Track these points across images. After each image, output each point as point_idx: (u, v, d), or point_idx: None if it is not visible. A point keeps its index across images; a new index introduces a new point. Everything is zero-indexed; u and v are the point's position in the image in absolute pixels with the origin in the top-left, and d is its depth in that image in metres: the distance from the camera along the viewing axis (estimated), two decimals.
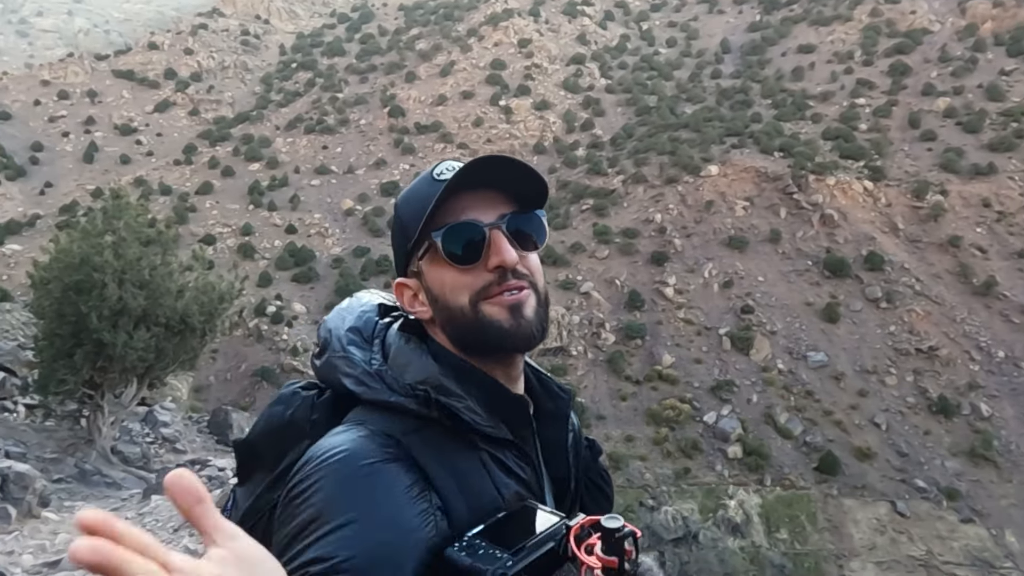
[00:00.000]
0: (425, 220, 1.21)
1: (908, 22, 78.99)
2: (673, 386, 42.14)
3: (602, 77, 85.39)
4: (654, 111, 73.69)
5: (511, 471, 1.21)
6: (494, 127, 76.34)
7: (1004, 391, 41.63)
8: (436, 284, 1.25)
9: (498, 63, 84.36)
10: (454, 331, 1.25)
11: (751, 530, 34.20)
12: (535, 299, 1.24)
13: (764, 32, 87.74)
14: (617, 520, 1.08)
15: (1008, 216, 52.23)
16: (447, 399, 1.18)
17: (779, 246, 51.61)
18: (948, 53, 72.67)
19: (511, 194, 1.26)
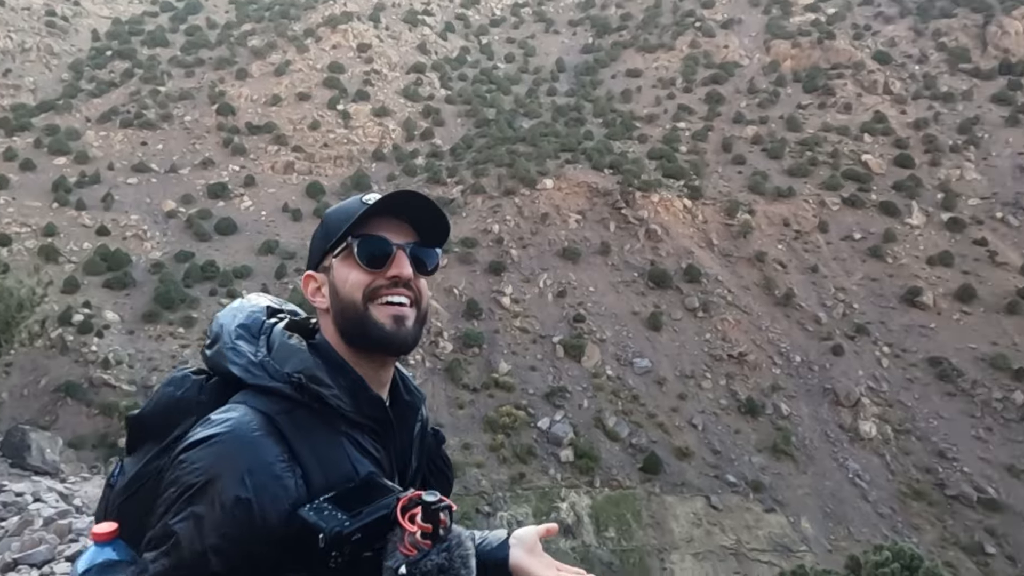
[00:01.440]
0: (350, 227, 1.52)
1: (722, 55, 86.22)
2: (509, 393, 43.03)
3: (442, 87, 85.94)
4: (493, 124, 75.21)
5: (367, 451, 1.49)
6: (332, 131, 74.51)
7: (800, 392, 46.31)
8: (340, 279, 1.53)
9: (336, 66, 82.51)
10: (343, 322, 1.53)
11: (582, 530, 35.61)
12: (415, 315, 1.56)
13: (596, 55, 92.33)
14: (434, 495, 1.33)
15: (804, 235, 58.30)
16: (317, 387, 1.44)
17: (609, 258, 54.31)
18: (755, 86, 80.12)
19: (420, 229, 1.60)
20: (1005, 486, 40.89)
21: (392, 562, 1.29)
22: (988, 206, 61.43)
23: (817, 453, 42.47)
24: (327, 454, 1.42)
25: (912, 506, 39.96)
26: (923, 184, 62.90)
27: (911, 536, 36.73)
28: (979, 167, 65.66)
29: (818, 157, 66.29)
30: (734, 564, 35.92)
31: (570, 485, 38.00)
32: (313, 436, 1.42)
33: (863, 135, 69.83)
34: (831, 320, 51.25)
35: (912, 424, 44.64)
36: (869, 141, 69.13)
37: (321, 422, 1.45)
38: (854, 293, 53.49)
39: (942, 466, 42.11)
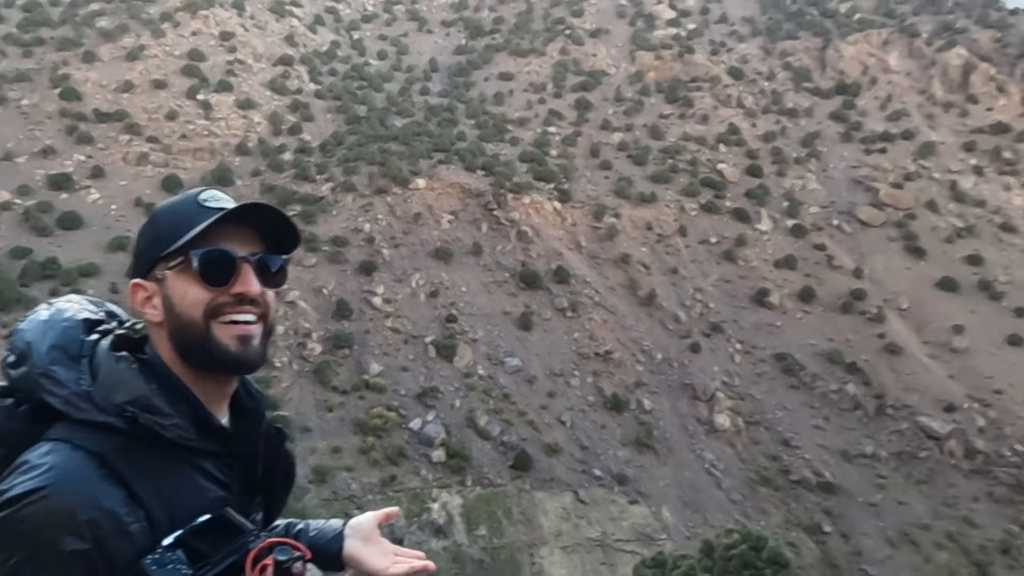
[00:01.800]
0: (188, 239, 1.37)
1: (591, 63, 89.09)
2: (380, 395, 42.45)
3: (311, 82, 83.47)
4: (364, 121, 73.89)
5: (214, 477, 1.39)
6: (191, 122, 70.54)
7: (662, 387, 48.64)
8: (177, 294, 1.39)
9: (196, 54, 78.21)
10: (181, 340, 1.39)
11: (453, 530, 35.69)
12: (262, 330, 1.45)
13: (469, 56, 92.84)
14: (286, 552, 1.29)
15: (665, 238, 61.29)
16: (154, 418, 1.32)
17: (481, 258, 54.76)
18: (622, 94, 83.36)
19: (267, 236, 1.47)
20: (840, 470, 44.78)
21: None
22: (826, 214, 67.07)
23: (676, 445, 44.76)
24: (170, 489, 1.32)
25: (760, 492, 42.93)
26: (771, 192, 67.77)
27: (759, 519, 39.47)
28: (819, 178, 71.57)
29: (678, 165, 69.89)
30: (600, 555, 37.22)
31: (442, 485, 37.99)
32: (153, 472, 1.31)
33: (719, 145, 74.31)
34: (689, 319, 54.16)
35: (761, 415, 47.96)
36: (724, 151, 73.66)
37: (161, 454, 1.33)
38: (710, 293, 56.81)
39: (786, 454, 45.53)
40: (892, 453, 46.24)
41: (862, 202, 68.24)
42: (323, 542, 1.67)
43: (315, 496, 33.40)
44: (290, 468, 1.70)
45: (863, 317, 55.53)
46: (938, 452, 45.89)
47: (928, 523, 41.60)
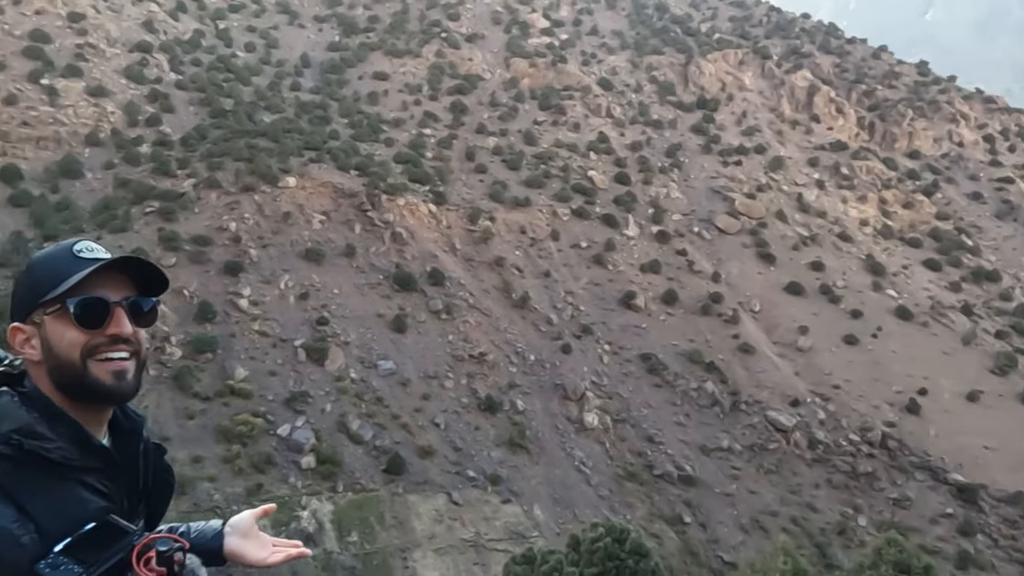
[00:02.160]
0: (66, 289, 1.56)
1: (466, 67, 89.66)
2: (247, 400, 40.78)
3: (172, 71, 78.96)
4: (231, 115, 70.73)
5: (97, 490, 1.57)
6: (33, 109, 64.89)
7: (534, 388, 49.66)
8: (55, 337, 1.58)
9: (40, 34, 72.08)
10: (60, 377, 1.59)
11: (324, 537, 34.84)
12: (135, 365, 1.66)
13: (343, 54, 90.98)
14: (167, 543, 1.48)
15: (539, 242, 62.64)
16: (38, 443, 1.50)
17: (354, 260, 53.79)
18: (497, 99, 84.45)
19: (137, 280, 1.66)
20: (699, 464, 47.42)
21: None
22: (688, 221, 70.88)
23: (548, 444, 45.83)
24: (58, 503, 1.49)
25: (627, 486, 44.73)
26: (637, 200, 70.81)
27: (626, 513, 41.13)
28: (681, 187, 75.54)
29: (551, 170, 71.64)
30: (473, 556, 37.49)
31: (311, 492, 36.99)
32: (41, 489, 1.49)
33: (589, 153, 76.83)
34: (561, 321, 55.62)
35: (627, 413, 49.97)
36: (595, 158, 76.24)
37: (47, 473, 1.51)
38: (581, 296, 58.60)
39: (651, 450, 47.69)
40: (745, 446, 49.47)
41: (720, 211, 72.64)
42: (204, 541, 1.84)
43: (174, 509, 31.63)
44: (169, 478, 1.98)
45: (720, 319, 59.10)
46: (785, 444, 49.56)
47: (776, 510, 44.84)
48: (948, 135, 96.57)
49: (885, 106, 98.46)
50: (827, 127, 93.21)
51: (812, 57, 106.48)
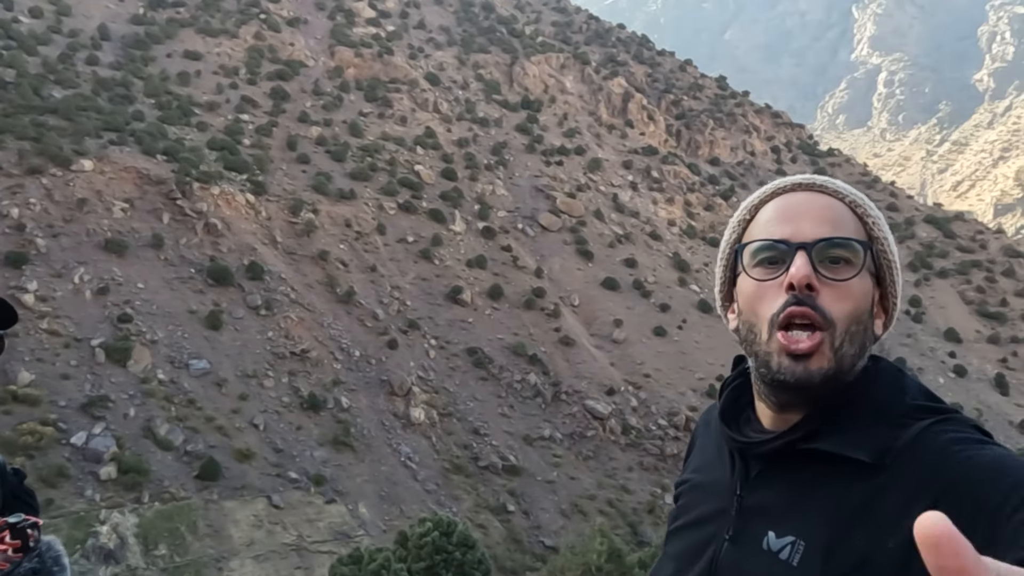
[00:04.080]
0: None
1: (288, 52, 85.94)
2: (34, 407, 36.54)
3: None
4: (13, 88, 62.83)
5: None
6: None
7: (360, 384, 48.77)
8: None
9: None
10: None
11: (127, 553, 32.08)
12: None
13: (149, 28, 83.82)
14: (19, 517, 1.62)
15: (364, 236, 61.52)
16: None
17: (162, 252, 49.93)
18: (320, 88, 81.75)
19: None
20: (522, 453, 48.92)
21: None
22: (512, 218, 72.76)
23: (374, 441, 45.22)
24: None
25: (453, 479, 45.20)
26: (464, 195, 71.61)
27: (452, 506, 41.55)
28: (506, 184, 77.37)
29: (378, 163, 70.57)
30: (296, 559, 36.18)
31: (112, 505, 33.89)
32: None
33: (416, 147, 76.55)
34: (387, 316, 55.04)
35: (454, 407, 50.48)
36: (422, 153, 76.07)
37: None
38: (408, 291, 58.32)
39: (476, 442, 48.52)
40: (566, 434, 51.72)
41: (543, 208, 75.24)
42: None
43: None
44: (32, 502, 2.09)
45: (543, 313, 61.27)
46: (602, 431, 52.39)
47: (594, 494, 47.31)
48: (743, 145, 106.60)
49: (690, 115, 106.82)
50: (640, 132, 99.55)
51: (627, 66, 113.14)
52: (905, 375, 1.34)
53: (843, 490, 1.21)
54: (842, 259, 1.30)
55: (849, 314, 1.27)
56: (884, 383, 1.31)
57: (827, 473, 1.22)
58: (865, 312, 1.31)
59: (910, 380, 1.33)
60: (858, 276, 1.29)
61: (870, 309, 1.32)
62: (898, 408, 1.26)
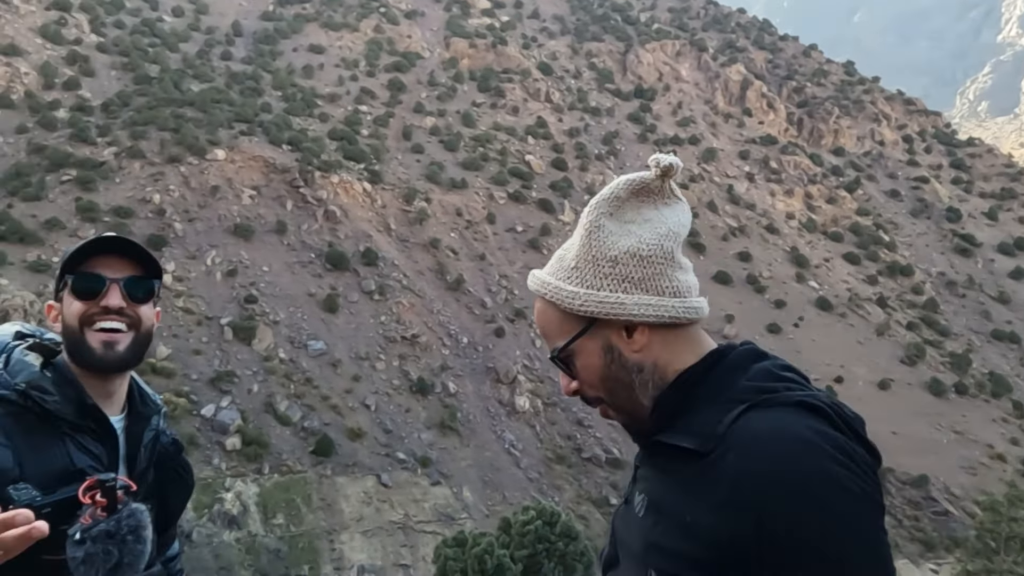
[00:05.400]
0: (72, 267, 1.84)
1: (405, 44, 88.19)
2: (169, 379, 39.42)
3: (93, 33, 75.01)
4: (156, 82, 67.71)
5: (87, 450, 1.77)
6: None
7: (466, 371, 49.66)
8: (66, 308, 1.84)
9: None
10: (68, 345, 1.85)
11: (248, 520, 34.13)
12: (132, 338, 1.87)
13: (277, 24, 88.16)
14: (110, 475, 1.63)
15: (474, 224, 62.43)
16: (39, 395, 1.74)
17: (285, 237, 52.52)
18: (435, 79, 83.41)
19: (140, 263, 1.90)
20: (626, 447, 48.37)
21: (71, 529, 1.53)
22: None
23: (479, 427, 45.97)
24: (46, 450, 1.70)
25: (556, 469, 45.31)
26: (574, 185, 71.29)
27: (554, 496, 41.67)
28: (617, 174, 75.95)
29: (489, 153, 71.35)
30: (402, 537, 37.39)
31: (236, 474, 36.14)
32: (34, 434, 1.71)
33: (527, 137, 76.83)
34: (495, 304, 55.69)
35: (558, 397, 50.52)
36: (532, 143, 76.29)
37: (44, 424, 1.73)
38: (515, 280, 58.76)
39: (580, 433, 48.40)
40: None
41: None
42: None
43: None
44: (186, 476, 2.12)
45: None
46: None
47: None
48: (870, 134, 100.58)
49: (813, 103, 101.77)
50: (758, 121, 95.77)
51: (746, 52, 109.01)
52: (758, 358, 1.41)
53: (680, 466, 1.33)
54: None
55: (591, 384, 1.45)
56: (725, 369, 1.38)
57: (672, 455, 1.35)
58: (600, 370, 1.44)
59: (762, 364, 1.39)
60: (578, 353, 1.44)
61: (606, 363, 1.43)
62: (729, 392, 1.33)
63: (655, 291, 1.39)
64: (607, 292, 1.40)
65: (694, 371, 1.39)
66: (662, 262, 1.41)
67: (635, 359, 1.40)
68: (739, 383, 1.34)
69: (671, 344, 1.41)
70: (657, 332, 1.40)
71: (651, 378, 1.40)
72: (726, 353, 1.42)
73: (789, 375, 1.36)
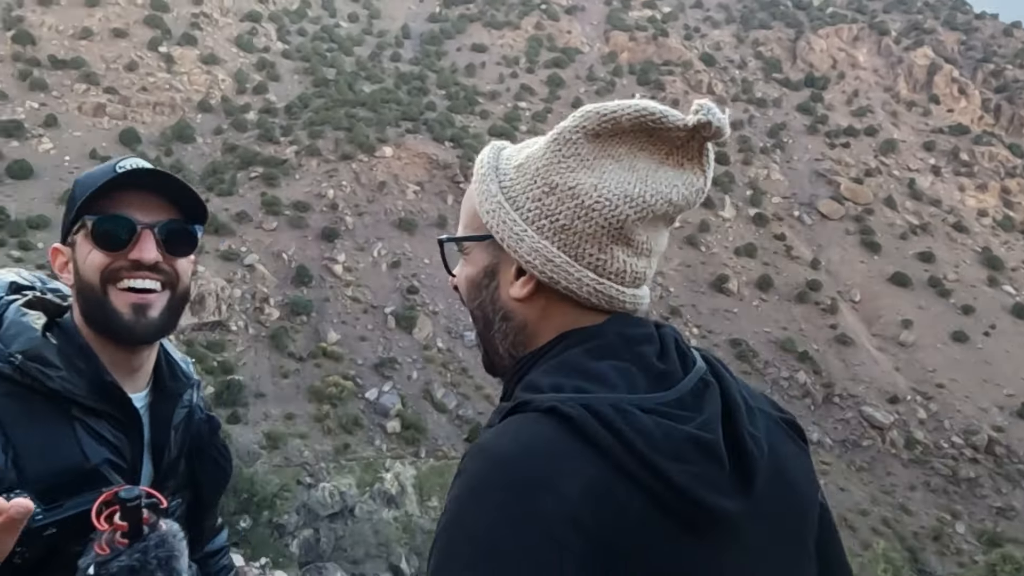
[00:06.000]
0: (89, 203, 1.36)
1: (565, 40, 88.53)
2: (337, 363, 42.15)
3: (279, 40, 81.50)
4: (332, 84, 72.50)
5: (103, 438, 1.35)
6: (152, 75, 68.39)
7: None
8: (81, 258, 1.38)
9: (159, 4, 75.67)
10: (83, 303, 1.40)
11: (405, 500, 35.76)
12: (167, 300, 1.41)
13: (443, 25, 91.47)
14: (132, 491, 1.18)
15: None
16: (40, 368, 1.32)
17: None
18: (594, 74, 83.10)
19: (177, 205, 1.44)
20: None
21: (83, 561, 1.15)
22: (788, 205, 68.11)
23: None
24: (51, 440, 1.30)
25: None
26: (736, 180, 68.49)
27: None
28: (783, 169, 72.53)
29: None
30: None
31: (395, 456, 38.00)
32: (35, 422, 1.30)
33: None
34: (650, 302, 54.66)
35: None
36: None
37: (48, 406, 1.32)
38: (671, 277, 57.41)
39: None
40: (836, 440, 47.58)
41: (823, 195, 69.41)
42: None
43: (267, 462, 33.14)
44: (222, 461, 1.61)
45: (817, 307, 56.73)
46: (880, 441, 47.36)
47: (867, 509, 43.01)
48: None
49: (1014, 88, 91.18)
50: (947, 109, 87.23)
51: (935, 33, 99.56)
52: (599, 352, 1.02)
53: None
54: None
55: (463, 292, 1.20)
56: (551, 357, 1.06)
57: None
58: (471, 289, 1.17)
59: (573, 354, 1.04)
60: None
61: (479, 285, 1.16)
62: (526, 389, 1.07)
63: (571, 250, 1.05)
64: (519, 215, 1.08)
65: (532, 354, 1.08)
66: (603, 225, 1.04)
67: (508, 305, 1.11)
68: (536, 379, 1.02)
69: (551, 314, 1.08)
70: (552, 294, 1.08)
71: (512, 336, 1.11)
72: (564, 339, 1.06)
73: (598, 372, 0.99)
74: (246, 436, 29.36)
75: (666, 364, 1.02)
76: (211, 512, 1.67)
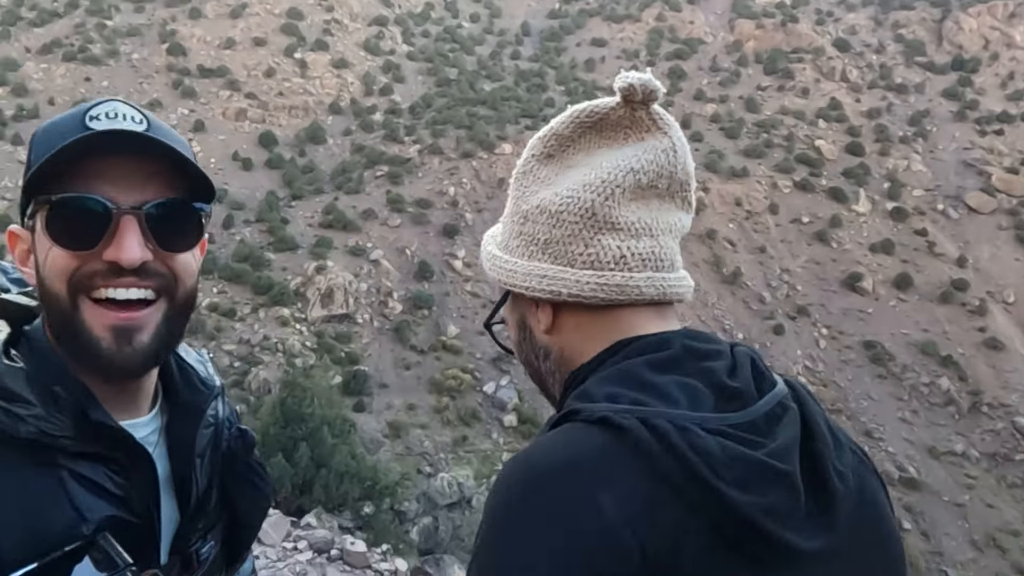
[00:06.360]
0: (45, 174, 0.92)
1: (687, 31, 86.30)
2: (456, 356, 43.12)
3: (404, 43, 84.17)
4: (454, 84, 74.15)
5: (100, 488, 0.96)
6: (287, 80, 72.46)
7: None
8: (41, 253, 0.95)
9: (295, 12, 79.98)
10: (49, 315, 0.98)
11: None
12: (163, 313, 0.98)
13: (562, 20, 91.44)
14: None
15: (755, 215, 59.33)
16: (6, 406, 0.92)
17: None
18: (718, 64, 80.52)
19: (174, 176, 0.97)
20: (925, 466, 42.89)
21: None
22: (931, 198, 63.35)
23: None
24: (32, 501, 0.91)
25: None
26: (871, 172, 64.44)
27: None
28: (925, 159, 67.52)
29: (773, 140, 67.24)
30: None
31: (512, 449, 38.43)
32: (10, 476, 0.91)
33: (818, 120, 71.00)
34: (775, 300, 52.51)
35: (844, 404, 46.29)
36: (823, 127, 70.34)
37: (23, 454, 0.92)
38: (798, 275, 54.83)
39: (868, 445, 43.85)
40: (985, 453, 43.92)
41: (972, 187, 64.07)
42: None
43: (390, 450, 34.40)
44: (262, 485, 1.24)
45: (963, 309, 52.52)
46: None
47: (1018, 529, 39.47)
48: None
49: None
50: None
51: None
52: (664, 366, 0.94)
53: None
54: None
55: (521, 362, 1.20)
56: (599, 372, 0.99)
57: None
58: (517, 348, 1.19)
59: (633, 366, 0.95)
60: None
61: (519, 341, 1.17)
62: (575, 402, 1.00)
63: (564, 258, 1.01)
64: (512, 255, 1.10)
65: (585, 365, 1.00)
66: (575, 221, 1.00)
67: (543, 341, 1.07)
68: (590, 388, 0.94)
69: (584, 328, 1.02)
70: (568, 312, 1.03)
71: (556, 368, 1.06)
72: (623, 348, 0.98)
73: (659, 385, 0.89)
74: (370, 425, 30.56)
75: (737, 383, 0.91)
76: (247, 546, 1.29)
